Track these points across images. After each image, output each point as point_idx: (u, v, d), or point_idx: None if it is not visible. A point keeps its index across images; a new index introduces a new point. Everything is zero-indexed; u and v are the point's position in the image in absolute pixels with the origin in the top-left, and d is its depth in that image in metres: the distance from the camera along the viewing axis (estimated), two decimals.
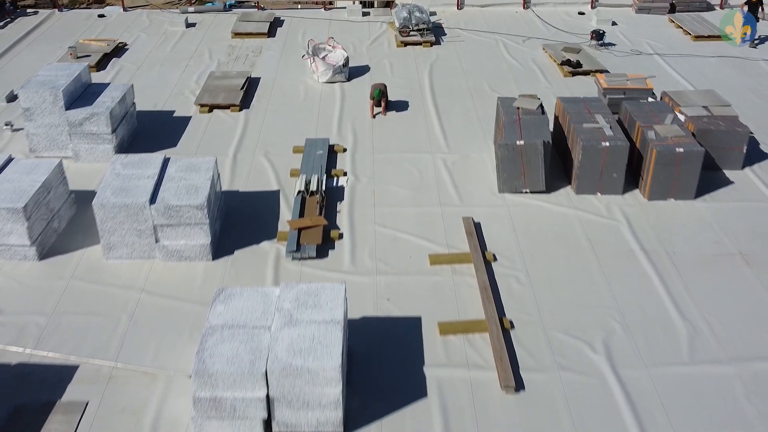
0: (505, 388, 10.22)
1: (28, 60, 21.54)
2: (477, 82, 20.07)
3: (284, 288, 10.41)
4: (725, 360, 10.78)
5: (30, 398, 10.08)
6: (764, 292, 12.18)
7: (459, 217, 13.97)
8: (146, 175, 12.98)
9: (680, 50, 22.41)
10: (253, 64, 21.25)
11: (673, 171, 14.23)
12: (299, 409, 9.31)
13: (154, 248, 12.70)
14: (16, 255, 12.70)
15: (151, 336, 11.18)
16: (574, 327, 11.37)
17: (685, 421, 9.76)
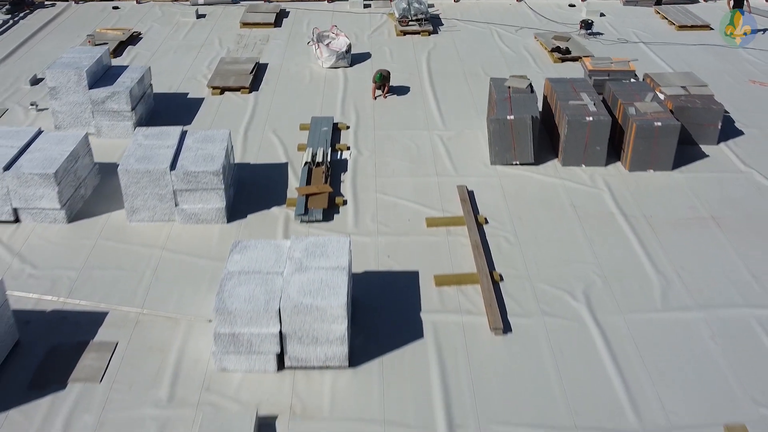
0: (494, 330, 11.15)
1: (48, 48, 22.42)
2: (472, 67, 20.97)
3: (294, 240, 11.34)
4: (694, 307, 11.71)
5: (65, 339, 11.01)
6: (732, 250, 13.11)
7: (454, 186, 14.90)
8: (166, 145, 13.90)
9: (664, 39, 23.33)
10: (261, 52, 22.16)
11: (651, 144, 15.15)
12: (309, 344, 10.23)
13: (174, 212, 13.62)
14: (47, 218, 13.62)
15: (173, 287, 12.11)
16: (558, 279, 12.30)
17: (656, 359, 10.69)
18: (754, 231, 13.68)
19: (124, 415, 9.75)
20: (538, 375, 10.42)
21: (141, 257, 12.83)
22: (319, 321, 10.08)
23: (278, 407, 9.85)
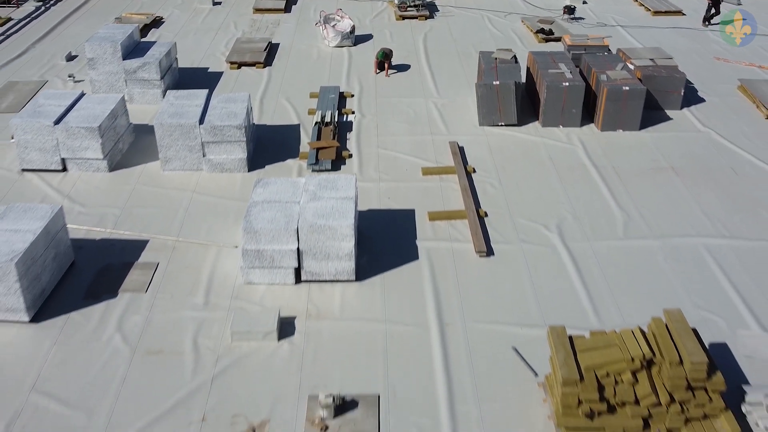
0: (479, 253, 12.72)
1: (78, 29, 23.95)
2: (464, 47, 22.51)
3: (308, 178, 12.92)
4: (651, 237, 13.30)
5: (113, 260, 12.58)
6: (686, 192, 14.70)
7: (446, 143, 16.47)
8: (195, 104, 15.47)
9: (640, 23, 24.87)
10: (273, 33, 23.70)
11: (620, 106, 16.71)
12: (322, 260, 11.80)
13: (202, 161, 15.18)
14: (91, 167, 15.18)
15: (203, 221, 13.68)
16: (534, 215, 13.88)
17: (615, 276, 12.27)
18: (709, 179, 15.26)
19: (167, 316, 11.32)
20: (516, 288, 12.00)
21: (174, 199, 14.39)
22: (331, 239, 11.65)
23: (296, 311, 11.42)
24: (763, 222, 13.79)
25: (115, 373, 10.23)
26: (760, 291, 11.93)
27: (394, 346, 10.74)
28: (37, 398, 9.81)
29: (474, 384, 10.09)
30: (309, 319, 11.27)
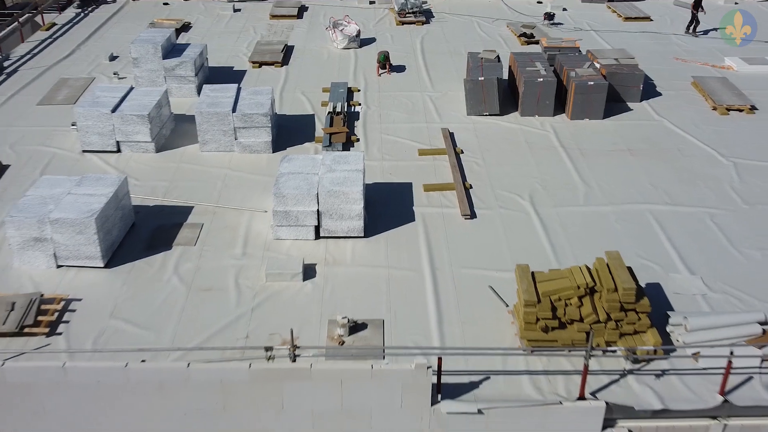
0: (464, 216, 15.04)
1: (116, 34, 26.23)
2: (456, 48, 24.76)
3: (325, 154, 15.26)
4: (606, 204, 15.62)
5: (166, 222, 14.88)
6: (639, 168, 17.05)
7: (439, 129, 18.77)
8: (227, 96, 17.78)
9: (612, 27, 27.15)
10: (288, 37, 25.96)
11: (587, 99, 19.00)
12: (337, 219, 14.10)
13: (234, 144, 17.48)
14: (141, 149, 17.47)
15: (237, 192, 15.98)
16: (511, 187, 16.19)
17: (575, 234, 14.56)
18: (658, 158, 17.58)
19: (213, 263, 13.62)
20: (493, 243, 14.31)
21: (212, 174, 16.70)
22: (344, 202, 13.95)
23: (316, 259, 13.72)
24: (699, 192, 16.12)
25: (175, 304, 12.55)
26: (691, 245, 14.25)
27: (394, 285, 13.06)
28: (116, 322, 12.13)
29: (458, 312, 12.40)
30: (327, 265, 13.58)
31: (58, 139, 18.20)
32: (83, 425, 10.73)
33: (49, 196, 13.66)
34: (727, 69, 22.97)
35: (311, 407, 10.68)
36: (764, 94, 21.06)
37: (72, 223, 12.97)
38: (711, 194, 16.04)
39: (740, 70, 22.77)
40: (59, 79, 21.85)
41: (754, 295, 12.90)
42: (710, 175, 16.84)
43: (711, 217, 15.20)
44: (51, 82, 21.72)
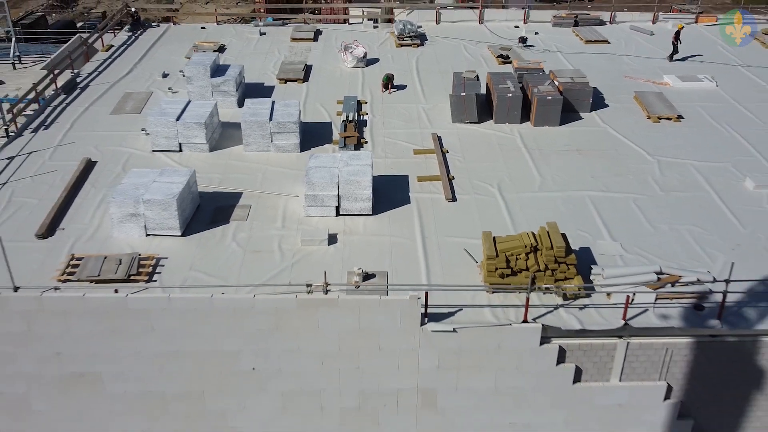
0: (447, 200, 18.90)
1: (163, 54, 30.06)
2: (445, 67, 28.57)
3: (341, 153, 19.14)
4: (556, 191, 19.49)
5: (222, 204, 18.73)
6: (584, 164, 20.91)
7: (429, 134, 22.63)
8: (264, 108, 21.64)
9: (575, 49, 30.98)
10: (307, 57, 29.81)
11: (546, 110, 22.87)
12: (352, 201, 17.96)
13: (270, 145, 21.34)
14: (198, 149, 21.31)
15: (274, 182, 19.82)
16: (484, 178, 20.06)
17: (530, 213, 18.41)
18: (599, 156, 21.44)
19: (261, 233, 17.48)
20: (469, 219, 18.17)
21: (254, 168, 20.55)
22: (357, 189, 17.82)
23: (337, 230, 17.57)
24: (627, 182, 20.01)
25: (235, 262, 16.41)
26: (616, 221, 18.13)
27: (394, 248, 16.94)
28: (194, 273, 15.99)
29: (441, 266, 16.29)
30: (345, 234, 17.45)
31: (131, 141, 22.05)
32: (179, 339, 14.63)
33: (140, 183, 17.54)
34: (664, 85, 26.84)
35: (337, 327, 14.58)
36: (691, 106, 24.93)
37: (159, 203, 16.85)
38: (636, 184, 19.95)
39: (675, 86, 26.64)
40: (124, 93, 25.70)
41: (658, 256, 16.78)
42: (638, 169, 20.74)
43: (634, 200, 19.11)
44: (118, 95, 25.56)
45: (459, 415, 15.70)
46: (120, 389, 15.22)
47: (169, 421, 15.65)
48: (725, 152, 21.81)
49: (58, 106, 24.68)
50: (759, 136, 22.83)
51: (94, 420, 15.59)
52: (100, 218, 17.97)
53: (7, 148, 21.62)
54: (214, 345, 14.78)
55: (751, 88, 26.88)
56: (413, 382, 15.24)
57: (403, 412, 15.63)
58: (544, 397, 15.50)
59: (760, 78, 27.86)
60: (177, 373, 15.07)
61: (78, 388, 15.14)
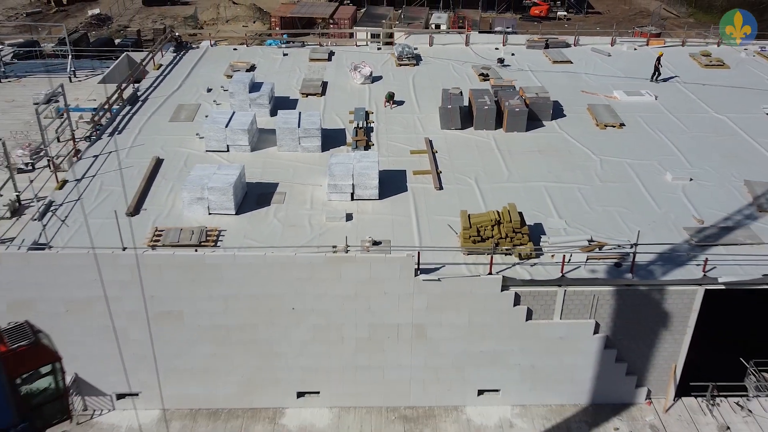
0: (436, 189, 23.30)
1: (205, 72, 34.39)
2: (437, 83, 32.87)
3: (355, 153, 23.54)
4: (519, 182, 23.90)
5: (263, 191, 23.11)
6: (543, 161, 25.31)
7: (423, 138, 27.02)
8: (293, 117, 26.04)
9: (543, 68, 35.32)
10: (323, 75, 34.17)
11: (515, 119, 27.25)
12: (363, 189, 22.36)
13: (298, 147, 25.72)
14: (242, 149, 25.66)
15: (303, 175, 24.20)
16: (464, 172, 24.46)
17: (500, 199, 22.77)
18: (555, 156, 25.83)
19: (295, 212, 21.87)
20: (452, 203, 22.56)
21: (286, 165, 24.93)
22: (367, 179, 22.21)
23: (352, 210, 21.96)
24: (575, 175, 24.40)
25: (277, 234, 20.79)
26: (563, 205, 22.53)
27: (396, 223, 21.33)
28: (247, 241, 20.35)
29: (430, 236, 20.68)
30: (358, 213, 21.84)
31: (188, 144, 26.42)
32: (240, 286, 19.05)
33: (203, 175, 21.92)
34: (613, 98, 31.22)
35: (354, 278, 18.99)
36: (632, 116, 29.31)
37: (219, 189, 21.22)
38: (581, 176, 24.35)
39: (621, 99, 31.03)
40: (178, 105, 30.05)
41: (592, 229, 21.16)
42: (584, 165, 25.15)
43: (578, 189, 23.51)
44: (173, 106, 29.92)
45: (443, 344, 20.15)
46: (195, 323, 19.64)
47: (230, 347, 20.10)
48: (654, 152, 26.23)
49: (126, 115, 29.06)
50: (683, 140, 27.27)
51: (175, 346, 20.01)
52: (173, 201, 22.34)
53: (91, 149, 26.00)
54: (264, 290, 19.22)
55: (684, 101, 31.28)
56: (409, 319, 19.69)
57: (402, 341, 20.08)
58: (504, 330, 19.95)
59: (692, 93, 32.26)
60: (237, 310, 19.51)
61: (165, 322, 19.54)
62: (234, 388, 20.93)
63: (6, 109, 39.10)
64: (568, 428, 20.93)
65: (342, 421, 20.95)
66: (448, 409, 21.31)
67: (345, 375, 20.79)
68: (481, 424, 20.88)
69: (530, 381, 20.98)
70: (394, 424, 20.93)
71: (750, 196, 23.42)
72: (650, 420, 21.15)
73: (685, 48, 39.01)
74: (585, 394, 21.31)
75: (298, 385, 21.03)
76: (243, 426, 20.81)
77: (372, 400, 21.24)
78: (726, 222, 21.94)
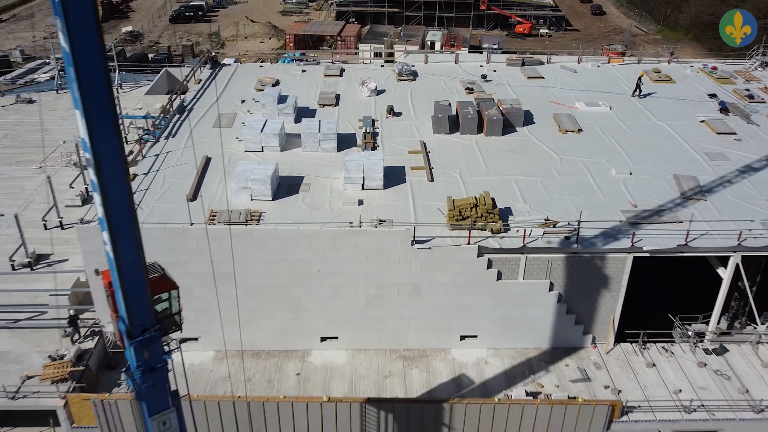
0: (429, 180, 27.69)
1: (237, 86, 38.76)
2: (430, 96, 37.26)
3: (364, 152, 27.96)
4: (494, 175, 28.31)
5: (293, 183, 27.48)
6: (513, 160, 29.70)
7: (418, 141, 31.42)
8: (314, 124, 30.45)
9: (519, 83, 39.70)
10: (336, 89, 38.53)
11: (493, 125, 31.65)
12: (371, 180, 26.80)
13: (318, 148, 30.12)
14: (273, 150, 30.04)
15: (323, 170, 28.59)
16: (451, 168, 28.87)
17: (479, 187, 27.21)
18: (525, 155, 30.23)
19: (318, 199, 26.25)
20: (441, 191, 26.94)
21: (309, 162, 29.33)
22: (374, 173, 26.64)
23: (363, 197, 26.35)
24: (539, 170, 28.81)
25: (304, 214, 25.15)
26: (529, 193, 26.95)
27: (396, 208, 25.73)
28: (282, 219, 24.75)
29: (423, 216, 25.07)
30: (367, 199, 26.25)
31: (230, 145, 30.79)
32: (278, 253, 23.48)
33: (247, 169, 26.31)
34: (575, 108, 35.60)
35: (364, 247, 23.43)
36: (589, 123, 33.68)
37: (260, 180, 25.61)
38: (544, 171, 28.76)
39: (582, 109, 35.42)
40: (219, 114, 34.43)
41: (549, 211, 25.57)
42: (546, 162, 29.56)
43: (540, 181, 27.91)
44: (214, 115, 34.28)
45: (433, 299, 24.58)
46: (244, 282, 24.06)
47: (269, 301, 24.52)
48: (604, 153, 30.64)
49: (176, 122, 33.43)
50: (628, 143, 31.67)
51: (229, 300, 24.41)
52: (222, 190, 26.71)
53: (153, 149, 30.38)
54: (296, 256, 23.65)
55: (633, 111, 35.67)
56: (407, 279, 24.11)
57: (402, 297, 24.51)
58: (480, 288, 24.38)
59: (641, 104, 36.65)
60: (275, 273, 23.95)
61: (222, 282, 23.95)
62: (271, 334, 25.36)
63: (65, 116, 43.71)
64: (530, 365, 25.35)
65: (355, 360, 25.38)
66: (437, 350, 25.75)
67: (357, 324, 25.22)
68: (462, 362, 25.30)
69: (501, 328, 25.41)
70: (395, 362, 25.36)
71: (677, 186, 27.84)
72: (594, 359, 25.58)
73: (640, 65, 43.41)
74: (543, 339, 25.74)
75: (321, 332, 25.48)
76: (279, 363, 25.25)
77: (378, 344, 25.69)
78: (654, 205, 26.35)
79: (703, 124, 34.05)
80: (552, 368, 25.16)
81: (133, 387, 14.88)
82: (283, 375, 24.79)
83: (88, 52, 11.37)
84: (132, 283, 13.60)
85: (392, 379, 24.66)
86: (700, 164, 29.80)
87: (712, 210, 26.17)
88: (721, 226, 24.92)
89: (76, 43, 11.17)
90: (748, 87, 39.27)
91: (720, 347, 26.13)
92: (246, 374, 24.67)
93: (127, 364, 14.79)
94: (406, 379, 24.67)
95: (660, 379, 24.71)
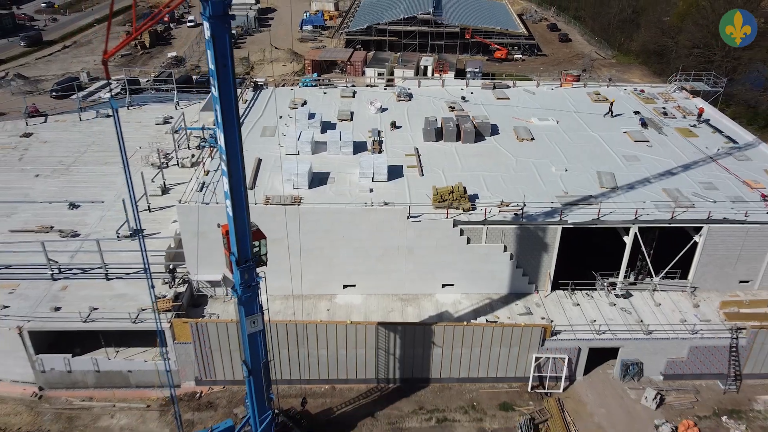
0: (420, 175, 34.65)
1: (275, 105, 45.63)
2: (423, 114, 44.17)
3: (373, 155, 34.95)
4: (467, 171, 35.27)
5: (322, 176, 34.45)
6: (481, 162, 36.67)
7: (413, 146, 38.37)
8: (337, 135, 37.39)
9: (491, 103, 46.61)
10: (350, 107, 45.43)
11: (468, 135, 38.58)
12: (378, 175, 33.80)
13: (340, 152, 37.11)
14: (306, 153, 36.99)
15: (344, 168, 35.53)
16: (436, 166, 35.80)
17: (454, 180, 34.19)
18: (489, 158, 37.19)
19: (341, 188, 33.28)
20: (428, 182, 33.90)
21: (334, 162, 36.26)
22: (380, 170, 33.63)
23: (372, 187, 33.30)
24: (500, 168, 35.76)
25: (332, 197, 32.11)
26: (493, 184, 33.91)
27: (397, 193, 32.68)
28: (318, 203, 31.71)
29: (416, 199, 32.02)
30: (376, 188, 33.20)
31: (274, 150, 37.70)
32: (316, 224, 30.48)
33: (291, 166, 33.25)
34: (530, 122, 42.52)
35: (374, 220, 30.44)
36: (540, 134, 40.64)
37: (300, 174, 32.58)
38: (503, 169, 35.72)
39: (535, 123, 42.35)
40: (263, 126, 41.34)
41: (506, 197, 32.53)
42: (505, 163, 36.53)
43: (501, 176, 34.87)
44: (260, 127, 41.20)
45: (423, 258, 31.60)
46: (294, 248, 31.01)
47: (308, 259, 31.52)
48: (548, 155, 37.63)
49: None
50: (567, 148, 38.66)
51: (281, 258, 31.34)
52: (272, 181, 33.64)
53: (216, 152, 37.27)
54: (327, 227, 30.67)
55: (575, 125, 42.61)
56: (404, 243, 31.12)
57: (400, 257, 31.52)
58: (455, 249, 31.37)
59: (582, 119, 43.60)
60: (315, 239, 30.94)
61: (276, 246, 30.85)
62: (309, 283, 32.33)
63: (137, 128, 50.67)
64: (491, 305, 32.34)
65: (368, 300, 32.34)
66: (426, 294, 32.73)
67: (369, 275, 32.20)
68: (443, 302, 32.27)
69: (471, 279, 32.38)
70: (396, 302, 32.31)
71: (598, 179, 34.80)
72: (536, 301, 32.56)
73: (585, 88, 50.33)
74: (500, 286, 32.74)
75: (344, 281, 32.45)
76: (314, 303, 32.22)
77: (384, 290, 32.66)
78: (581, 193, 33.29)
79: (626, 134, 41.03)
80: (505, 306, 32.14)
81: (236, 298, 21.85)
82: (317, 311, 31.77)
83: (225, 77, 18.01)
84: (241, 230, 20.57)
85: (393, 314, 31.62)
86: (618, 164, 36.78)
87: (620, 195, 33.16)
88: (625, 207, 31.92)
89: (221, 71, 17.80)
90: (665, 106, 46.26)
91: (626, 293, 33.13)
92: (293, 309, 31.69)
93: (232, 284, 21.77)
94: (404, 313, 31.65)
95: (581, 314, 31.72)
